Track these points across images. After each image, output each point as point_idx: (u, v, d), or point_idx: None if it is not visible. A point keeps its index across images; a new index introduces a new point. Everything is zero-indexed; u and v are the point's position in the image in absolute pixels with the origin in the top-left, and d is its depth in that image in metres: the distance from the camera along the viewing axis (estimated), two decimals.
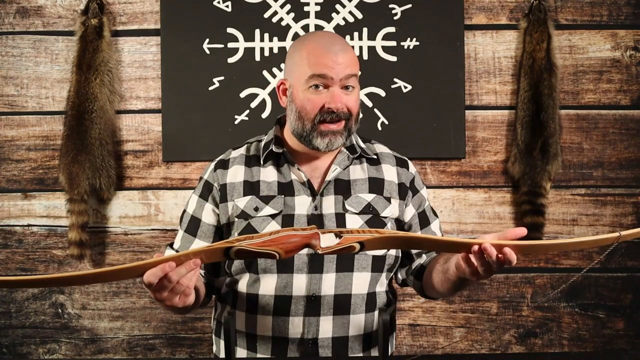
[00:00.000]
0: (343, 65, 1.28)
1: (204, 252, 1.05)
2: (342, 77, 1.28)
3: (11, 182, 2.12)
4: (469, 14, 2.11)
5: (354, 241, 1.06)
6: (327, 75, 1.28)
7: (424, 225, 1.43)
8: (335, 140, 1.31)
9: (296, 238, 1.07)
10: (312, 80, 1.29)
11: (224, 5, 2.08)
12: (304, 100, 1.30)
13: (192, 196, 1.42)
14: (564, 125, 2.12)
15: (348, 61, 1.29)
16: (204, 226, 1.38)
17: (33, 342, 2.12)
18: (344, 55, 1.29)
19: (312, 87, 1.29)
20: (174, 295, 1.07)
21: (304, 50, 1.32)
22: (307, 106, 1.30)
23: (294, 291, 1.29)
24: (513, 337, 2.13)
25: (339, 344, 1.30)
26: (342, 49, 1.30)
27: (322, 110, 1.29)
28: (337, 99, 1.28)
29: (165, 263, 1.02)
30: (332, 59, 1.28)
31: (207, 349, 2.11)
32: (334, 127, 1.30)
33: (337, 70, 1.28)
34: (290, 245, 1.07)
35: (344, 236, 1.07)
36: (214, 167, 1.41)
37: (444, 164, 2.12)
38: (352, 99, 1.31)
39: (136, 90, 2.12)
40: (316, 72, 1.28)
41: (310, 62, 1.29)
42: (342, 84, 1.29)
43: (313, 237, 1.08)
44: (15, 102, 2.12)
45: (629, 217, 2.13)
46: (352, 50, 1.34)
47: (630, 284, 2.13)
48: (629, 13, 2.12)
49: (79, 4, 2.10)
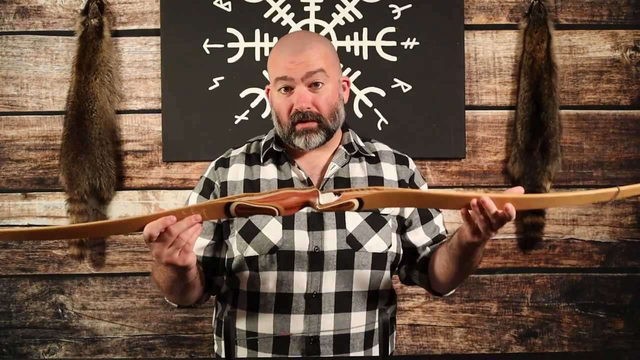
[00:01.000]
0: (303, 65, 1.28)
1: (205, 207, 1.06)
2: (303, 75, 1.28)
3: (11, 182, 2.12)
4: (469, 14, 2.11)
5: (352, 197, 1.07)
6: (287, 76, 1.29)
7: (426, 221, 1.41)
8: (311, 139, 1.31)
9: (296, 196, 1.08)
10: (278, 84, 1.31)
11: (224, 5, 2.08)
12: (277, 104, 1.33)
13: (191, 194, 1.42)
14: (564, 125, 2.12)
15: (309, 58, 1.28)
16: (205, 223, 1.38)
17: (33, 342, 2.12)
18: (303, 54, 1.28)
19: (282, 90, 1.31)
20: (174, 250, 1.08)
21: (271, 55, 1.35)
22: (279, 110, 1.32)
23: (294, 289, 1.29)
24: (513, 337, 2.13)
25: (341, 342, 1.31)
26: (302, 48, 1.29)
27: (291, 112, 1.30)
28: (301, 99, 1.28)
29: (166, 216, 1.03)
30: (290, 60, 1.28)
31: (207, 349, 2.11)
32: (307, 125, 1.30)
33: (297, 70, 1.28)
34: (290, 202, 1.08)
35: (342, 194, 1.08)
36: (214, 166, 1.42)
37: (444, 164, 2.12)
38: (321, 97, 1.30)
39: (136, 90, 2.12)
40: (278, 75, 1.30)
41: (275, 64, 1.32)
42: (307, 82, 1.29)
43: (312, 194, 1.09)
44: (15, 102, 2.12)
45: (629, 217, 2.13)
46: (318, 47, 1.31)
47: (630, 284, 2.13)
48: (629, 13, 2.12)
49: (79, 4, 2.10)
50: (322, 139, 1.32)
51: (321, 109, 1.30)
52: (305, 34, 1.38)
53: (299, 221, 1.31)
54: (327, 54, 1.32)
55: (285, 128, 1.32)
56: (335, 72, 1.34)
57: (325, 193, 1.10)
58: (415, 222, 1.41)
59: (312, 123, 1.30)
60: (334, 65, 1.34)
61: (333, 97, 1.33)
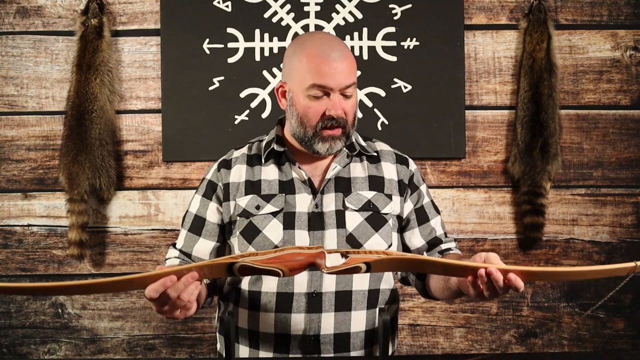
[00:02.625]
0: (344, 75, 1.30)
1: (207, 266, 1.05)
2: (342, 87, 1.30)
3: (11, 182, 2.12)
4: (469, 14, 2.11)
5: (360, 261, 1.05)
6: (328, 85, 1.29)
7: (423, 222, 1.43)
8: (335, 145, 1.34)
9: (301, 257, 1.07)
10: (313, 89, 1.30)
11: (224, 5, 2.08)
12: (305, 107, 1.32)
13: (194, 196, 1.43)
14: (564, 125, 2.12)
15: (348, 69, 1.31)
16: (209, 225, 1.38)
17: (33, 342, 2.12)
18: (343, 63, 1.30)
19: (313, 95, 1.31)
20: (174, 309, 1.08)
21: (304, 56, 1.32)
22: (308, 113, 1.32)
23: (295, 288, 1.30)
24: (513, 337, 2.13)
25: (341, 341, 1.31)
26: (341, 55, 1.31)
27: (323, 117, 1.31)
28: (338, 106, 1.30)
29: (167, 277, 1.03)
30: (333, 67, 1.29)
31: (207, 349, 2.11)
32: (334, 132, 1.32)
33: (338, 80, 1.29)
34: (295, 263, 1.06)
35: (350, 256, 1.06)
36: (217, 167, 1.42)
37: (444, 164, 2.12)
38: (349, 105, 1.33)
39: (136, 90, 2.12)
40: (317, 82, 1.29)
41: (311, 70, 1.30)
42: (342, 91, 1.31)
43: (318, 256, 1.07)
44: (15, 102, 2.12)
45: (629, 217, 2.13)
46: (350, 55, 1.34)
47: (631, 284, 2.12)
48: (629, 13, 2.12)
49: (79, 4, 2.10)
50: (343, 144, 1.35)
51: (348, 117, 1.33)
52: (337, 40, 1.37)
53: (300, 221, 1.32)
54: (355, 65, 1.35)
55: (310, 131, 1.33)
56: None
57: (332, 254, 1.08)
58: (412, 222, 1.42)
59: (338, 130, 1.32)
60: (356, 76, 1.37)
61: (355, 106, 1.37)
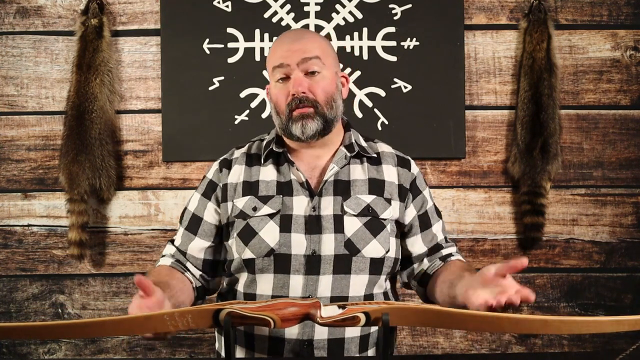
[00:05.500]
0: (299, 52, 1.30)
1: (190, 312, 0.94)
2: (299, 61, 1.30)
3: (11, 182, 2.12)
4: (469, 14, 2.11)
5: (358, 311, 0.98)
6: (284, 63, 1.30)
7: (425, 228, 1.40)
8: (308, 125, 1.30)
9: (294, 307, 1.00)
10: (275, 74, 1.32)
11: (224, 5, 2.08)
12: (274, 94, 1.34)
13: (194, 194, 1.42)
14: (564, 125, 2.12)
15: (305, 46, 1.31)
16: (205, 225, 1.38)
17: (33, 342, 2.12)
18: (300, 42, 1.32)
19: (279, 81, 1.32)
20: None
21: (269, 50, 1.37)
22: (277, 100, 1.33)
23: (290, 292, 1.28)
24: (513, 337, 2.13)
25: (335, 346, 1.29)
26: (299, 38, 1.33)
27: (288, 98, 1.31)
28: (297, 83, 1.29)
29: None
30: (287, 48, 1.31)
31: (207, 349, 2.11)
32: (304, 111, 1.30)
33: (293, 57, 1.30)
34: (288, 313, 0.98)
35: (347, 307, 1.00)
36: (218, 167, 1.41)
37: (444, 164, 2.12)
38: (317, 82, 1.31)
39: (136, 90, 2.12)
40: (275, 64, 1.32)
41: (271, 57, 1.34)
42: (303, 68, 1.31)
43: (313, 306, 1.00)
44: (15, 102, 2.12)
45: (629, 217, 2.13)
46: (315, 38, 1.35)
47: (630, 284, 2.13)
48: (629, 13, 2.12)
49: (79, 4, 2.10)
50: (319, 125, 1.31)
51: (317, 95, 1.31)
52: (302, 29, 1.41)
53: (297, 224, 1.30)
54: (323, 44, 1.35)
55: (283, 117, 1.32)
56: (331, 63, 1.35)
57: (328, 306, 1.02)
58: (414, 229, 1.40)
59: (308, 108, 1.30)
60: (330, 56, 1.36)
61: (330, 86, 1.33)
